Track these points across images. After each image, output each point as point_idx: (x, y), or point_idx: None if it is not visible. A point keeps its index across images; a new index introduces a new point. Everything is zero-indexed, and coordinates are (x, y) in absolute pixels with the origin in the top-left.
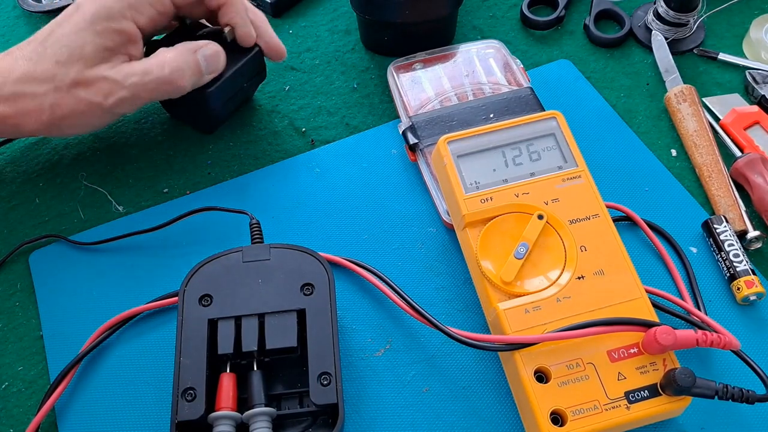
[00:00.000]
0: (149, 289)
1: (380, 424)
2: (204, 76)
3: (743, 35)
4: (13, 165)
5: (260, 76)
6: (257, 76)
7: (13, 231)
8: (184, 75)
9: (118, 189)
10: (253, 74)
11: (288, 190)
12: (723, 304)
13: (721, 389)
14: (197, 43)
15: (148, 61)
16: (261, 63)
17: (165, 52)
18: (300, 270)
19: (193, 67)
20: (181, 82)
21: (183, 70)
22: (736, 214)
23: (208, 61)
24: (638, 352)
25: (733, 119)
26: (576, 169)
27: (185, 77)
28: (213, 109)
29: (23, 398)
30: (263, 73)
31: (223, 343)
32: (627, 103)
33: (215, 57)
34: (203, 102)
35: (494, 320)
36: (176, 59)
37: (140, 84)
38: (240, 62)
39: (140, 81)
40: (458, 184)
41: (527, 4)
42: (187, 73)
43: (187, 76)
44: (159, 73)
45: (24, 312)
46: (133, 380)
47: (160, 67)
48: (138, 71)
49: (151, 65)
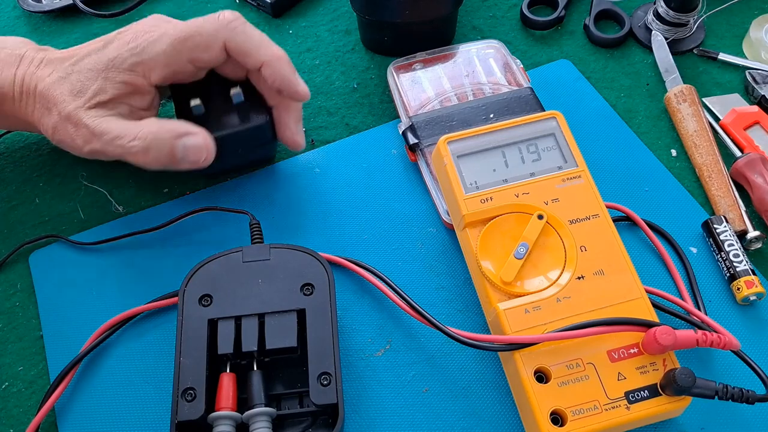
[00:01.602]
0: (149, 289)
1: (380, 424)
2: (179, 165)
3: (743, 35)
4: (13, 165)
5: (265, 148)
6: (261, 147)
7: (13, 231)
8: (154, 157)
9: (118, 189)
10: (256, 144)
11: (288, 190)
12: (723, 304)
13: (721, 389)
14: (187, 128)
15: (128, 126)
16: (265, 134)
17: (151, 125)
18: (300, 270)
19: (167, 152)
20: (147, 160)
21: (154, 151)
22: (736, 214)
23: (188, 151)
24: (638, 352)
25: (733, 119)
26: (576, 169)
27: (153, 159)
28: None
29: (23, 398)
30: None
31: (223, 343)
32: (627, 103)
33: (197, 150)
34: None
35: (494, 320)
36: (154, 138)
37: (110, 144)
38: (235, 128)
39: (111, 142)
40: (458, 184)
41: (527, 4)
42: (158, 156)
43: (156, 159)
44: (129, 144)
45: (24, 312)
46: (133, 380)
47: (132, 137)
48: (113, 132)
49: (127, 132)
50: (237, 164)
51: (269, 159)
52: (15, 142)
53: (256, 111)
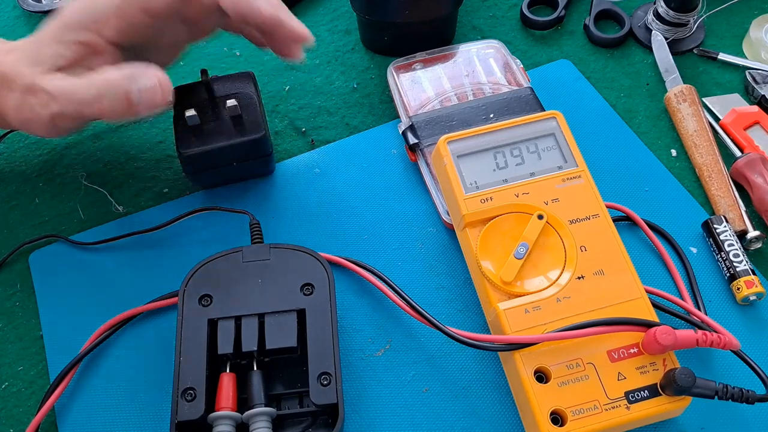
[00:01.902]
0: (149, 289)
1: (380, 424)
2: (137, 109)
3: (743, 35)
4: (13, 165)
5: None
6: (257, 162)
7: (13, 231)
8: (109, 105)
9: (118, 189)
10: (251, 158)
11: (288, 190)
12: (723, 304)
13: (721, 389)
14: (141, 69)
15: (80, 79)
16: (261, 148)
17: (107, 72)
18: (300, 270)
19: (120, 97)
20: (104, 110)
21: (108, 99)
22: (736, 214)
23: (143, 94)
24: (638, 352)
25: (733, 119)
26: (576, 169)
27: (109, 107)
28: (187, 172)
29: (23, 398)
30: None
31: (223, 343)
32: (627, 103)
33: (152, 92)
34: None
35: (494, 320)
36: (106, 83)
37: (68, 102)
38: (230, 140)
39: (67, 98)
40: (458, 184)
41: (527, 4)
42: (113, 103)
43: (110, 106)
44: (83, 93)
45: (24, 312)
46: (133, 380)
47: (87, 87)
48: (68, 87)
49: (80, 84)
50: (233, 177)
51: (267, 174)
52: (15, 142)
53: (253, 124)
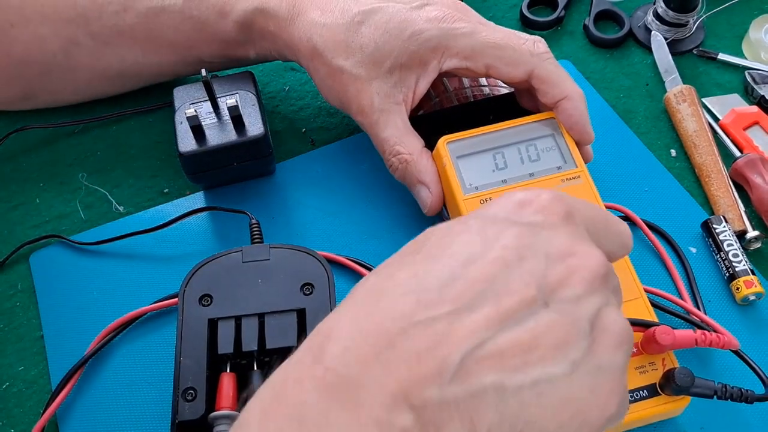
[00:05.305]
0: (149, 289)
1: None
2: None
3: (743, 35)
4: (13, 165)
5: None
6: (257, 161)
7: (13, 231)
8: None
9: (118, 189)
10: (252, 158)
11: (288, 190)
12: (722, 304)
13: (720, 389)
14: (426, 178)
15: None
16: (261, 148)
17: (414, 149)
18: (300, 270)
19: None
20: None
21: (399, 177)
22: (736, 214)
23: (418, 199)
24: (637, 352)
25: (733, 119)
26: (575, 170)
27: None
28: (187, 172)
29: (24, 398)
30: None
31: (223, 343)
32: (626, 103)
33: (423, 205)
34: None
35: None
36: (405, 170)
37: (370, 131)
38: (231, 140)
39: (374, 132)
40: (457, 185)
41: (527, 4)
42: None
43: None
44: (387, 154)
45: (24, 312)
46: (135, 381)
47: (393, 152)
48: (383, 130)
49: (393, 139)
50: (233, 178)
51: (267, 174)
52: (15, 142)
53: (254, 124)
